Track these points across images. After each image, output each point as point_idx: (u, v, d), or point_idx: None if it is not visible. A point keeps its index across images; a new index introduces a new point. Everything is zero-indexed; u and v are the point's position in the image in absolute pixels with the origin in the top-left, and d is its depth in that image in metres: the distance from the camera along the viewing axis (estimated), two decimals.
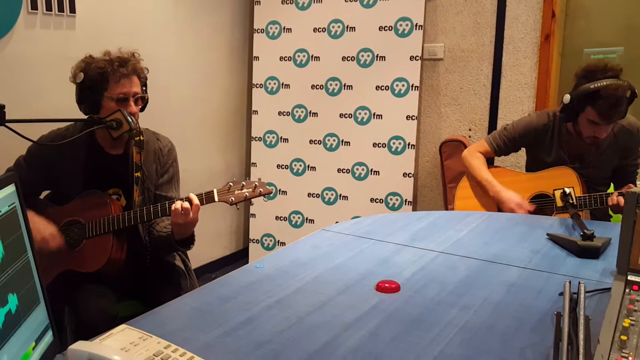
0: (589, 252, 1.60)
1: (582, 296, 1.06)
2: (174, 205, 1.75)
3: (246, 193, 1.75)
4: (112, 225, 1.82)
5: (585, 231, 1.64)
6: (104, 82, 1.83)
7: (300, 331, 1.16)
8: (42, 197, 2.05)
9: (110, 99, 1.84)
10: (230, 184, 1.77)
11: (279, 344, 1.11)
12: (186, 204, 1.74)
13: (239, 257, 3.84)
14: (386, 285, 1.38)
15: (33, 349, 0.87)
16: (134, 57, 1.90)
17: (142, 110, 1.94)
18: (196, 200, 1.75)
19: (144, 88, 1.93)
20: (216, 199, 1.76)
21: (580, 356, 0.90)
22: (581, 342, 0.93)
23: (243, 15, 3.64)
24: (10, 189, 0.86)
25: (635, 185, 2.37)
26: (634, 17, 3.09)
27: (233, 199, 1.75)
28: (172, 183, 2.03)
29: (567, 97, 2.19)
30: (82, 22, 2.62)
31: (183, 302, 1.32)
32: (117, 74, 1.82)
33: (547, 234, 1.79)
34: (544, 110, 2.47)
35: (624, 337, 0.95)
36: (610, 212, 2.46)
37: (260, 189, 1.75)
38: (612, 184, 2.44)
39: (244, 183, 1.76)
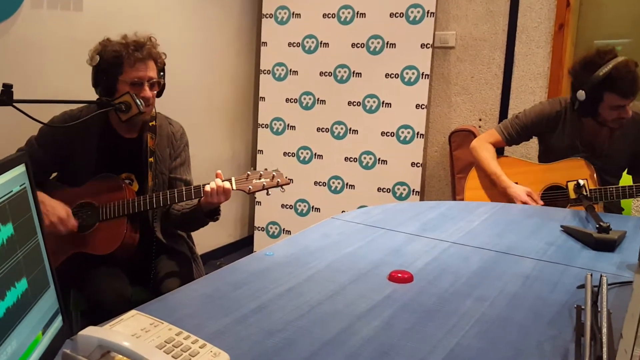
0: (605, 244, 1.57)
1: (604, 289, 1.03)
2: (209, 185, 1.75)
3: (264, 182, 1.74)
4: (128, 209, 1.81)
5: (602, 223, 1.61)
6: (118, 65, 1.81)
7: (313, 320, 1.14)
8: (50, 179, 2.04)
9: (125, 82, 1.82)
10: (249, 172, 1.77)
11: (291, 332, 1.09)
12: (226, 184, 1.74)
13: (244, 245, 3.82)
14: (399, 275, 1.36)
15: (43, 333, 0.85)
16: (150, 42, 1.88)
17: (159, 95, 1.93)
18: (227, 185, 1.77)
19: (161, 73, 1.92)
20: (234, 186, 1.75)
21: (604, 351, 0.88)
22: (604, 337, 0.91)
23: (251, 0, 3.59)
24: (21, 169, 0.83)
25: None
26: None
27: (251, 187, 1.75)
28: (185, 166, 2.04)
29: (581, 94, 2.16)
30: (89, 3, 2.58)
31: (193, 289, 1.30)
32: (132, 57, 1.81)
33: (562, 226, 1.76)
34: (556, 97, 2.43)
35: None
36: (622, 205, 2.44)
37: (278, 180, 1.75)
38: (624, 175, 2.40)
39: (261, 172, 1.76)
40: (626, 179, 2.41)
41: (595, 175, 2.22)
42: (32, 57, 2.40)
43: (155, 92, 1.89)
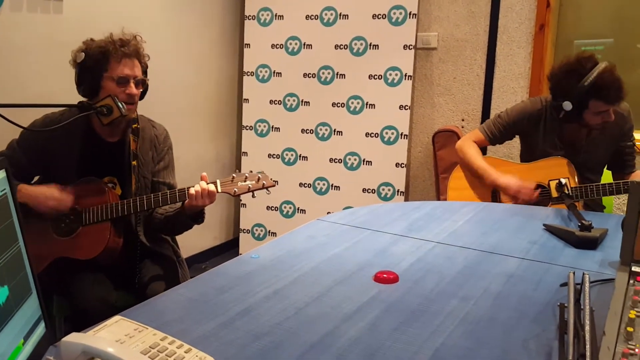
0: (587, 243, 1.59)
1: (586, 287, 1.04)
2: (193, 188, 1.74)
3: (249, 185, 1.74)
4: (112, 213, 1.79)
5: (583, 222, 1.63)
6: (104, 61, 1.79)
7: (299, 322, 1.14)
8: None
9: (111, 79, 1.80)
10: (234, 175, 1.77)
11: (278, 335, 1.09)
12: (211, 187, 1.74)
13: (229, 247, 3.81)
14: (384, 275, 1.36)
15: (25, 341, 0.84)
16: (136, 39, 1.86)
17: (142, 97, 1.91)
18: (212, 188, 1.77)
19: (144, 75, 1.90)
20: (219, 189, 1.74)
21: (587, 348, 0.89)
22: (587, 334, 0.92)
23: (234, 1, 3.58)
24: (1, 174, 0.82)
25: (634, 167, 2.37)
26: (625, 8, 3.09)
27: (236, 190, 1.74)
28: (169, 169, 2.02)
29: (568, 105, 2.17)
30: (69, 5, 2.55)
31: (178, 293, 1.29)
32: (118, 53, 1.79)
33: (544, 225, 1.78)
34: (537, 96, 2.46)
35: (630, 329, 0.94)
36: (604, 203, 2.47)
37: (264, 182, 1.74)
38: (604, 171, 2.44)
39: (247, 175, 1.76)
40: (608, 176, 2.45)
41: (576, 173, 2.25)
42: (11, 61, 2.37)
43: (140, 90, 1.88)
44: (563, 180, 2.02)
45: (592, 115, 2.17)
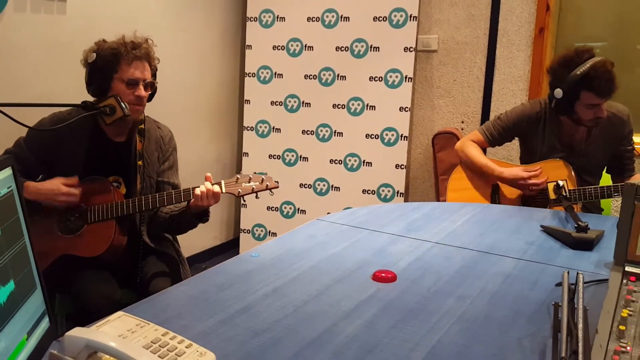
0: (584, 244, 1.61)
1: (580, 286, 1.06)
2: (199, 189, 1.77)
3: (253, 186, 1.77)
4: (117, 211, 1.81)
5: (580, 223, 1.65)
6: (115, 63, 1.82)
7: (298, 320, 1.16)
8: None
9: (121, 80, 1.83)
10: (238, 176, 1.80)
11: (277, 332, 1.11)
12: (216, 188, 1.77)
13: (230, 247, 3.82)
14: (383, 274, 1.38)
15: (30, 335, 0.86)
16: (147, 43, 1.89)
17: (149, 99, 1.93)
18: (217, 189, 1.80)
19: (153, 78, 1.92)
20: (223, 190, 1.77)
21: (580, 346, 0.90)
22: (580, 332, 0.94)
23: (236, 3, 3.60)
24: (7, 172, 0.84)
25: (633, 171, 2.39)
26: (624, 12, 3.11)
27: (240, 190, 1.77)
28: (173, 170, 2.05)
29: (559, 91, 2.19)
30: (73, 6, 2.58)
31: (179, 290, 1.31)
32: (129, 55, 1.82)
33: (541, 226, 1.80)
34: (536, 99, 2.48)
35: (622, 327, 0.96)
36: (602, 205, 2.49)
37: (267, 183, 1.77)
38: (603, 174, 2.45)
39: (251, 176, 1.78)
40: (607, 179, 2.46)
41: (574, 176, 2.26)
42: (15, 61, 2.39)
43: (148, 93, 1.90)
44: (561, 182, 2.04)
45: (584, 109, 2.18)
